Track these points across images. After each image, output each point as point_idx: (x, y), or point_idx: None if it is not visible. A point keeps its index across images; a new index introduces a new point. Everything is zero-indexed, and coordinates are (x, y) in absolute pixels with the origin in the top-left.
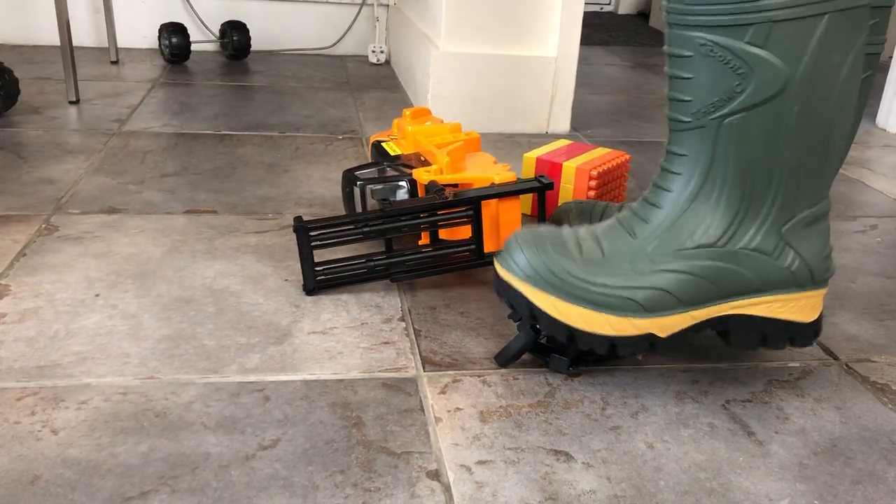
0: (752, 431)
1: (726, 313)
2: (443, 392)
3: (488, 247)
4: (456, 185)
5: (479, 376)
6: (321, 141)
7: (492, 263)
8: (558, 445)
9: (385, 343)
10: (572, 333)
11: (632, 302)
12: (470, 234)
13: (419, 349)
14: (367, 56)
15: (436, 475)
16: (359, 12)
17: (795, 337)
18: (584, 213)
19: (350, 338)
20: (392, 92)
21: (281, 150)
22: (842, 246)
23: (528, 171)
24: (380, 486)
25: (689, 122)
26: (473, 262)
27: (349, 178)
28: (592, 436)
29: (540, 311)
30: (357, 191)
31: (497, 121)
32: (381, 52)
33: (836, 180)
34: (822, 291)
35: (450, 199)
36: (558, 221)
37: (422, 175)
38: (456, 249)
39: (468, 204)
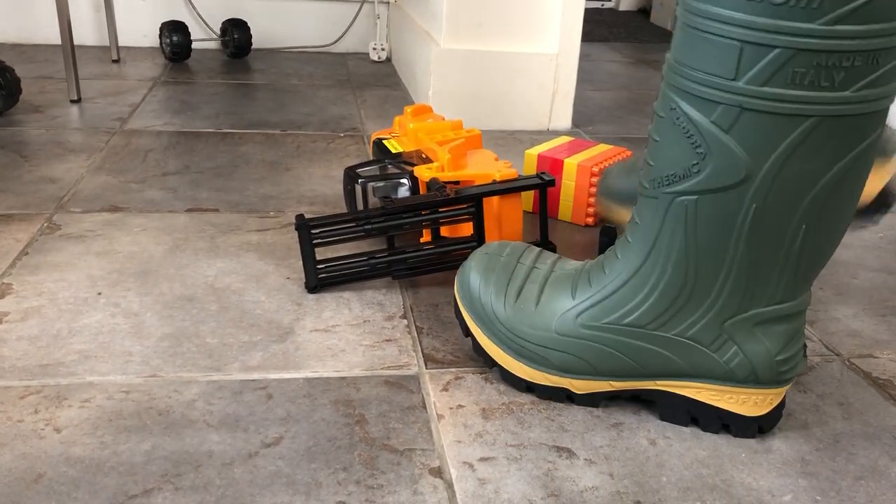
0: None
1: (651, 388)
2: (445, 389)
3: None
4: (457, 183)
5: (481, 373)
6: (323, 139)
7: None
8: (560, 442)
9: (387, 340)
10: (494, 364)
11: (546, 360)
12: (471, 232)
13: (421, 346)
14: (367, 53)
15: (438, 472)
16: (359, 10)
17: (733, 426)
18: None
19: (352, 335)
20: (393, 89)
21: (282, 148)
22: (844, 241)
23: (530, 168)
24: (382, 483)
25: (647, 188)
26: None
27: (350, 176)
28: (594, 432)
29: (471, 334)
30: (359, 188)
31: (498, 117)
32: (382, 49)
33: None
34: (774, 391)
35: (451, 196)
36: (607, 191)
37: (423, 172)
38: (457, 247)
39: (469, 201)
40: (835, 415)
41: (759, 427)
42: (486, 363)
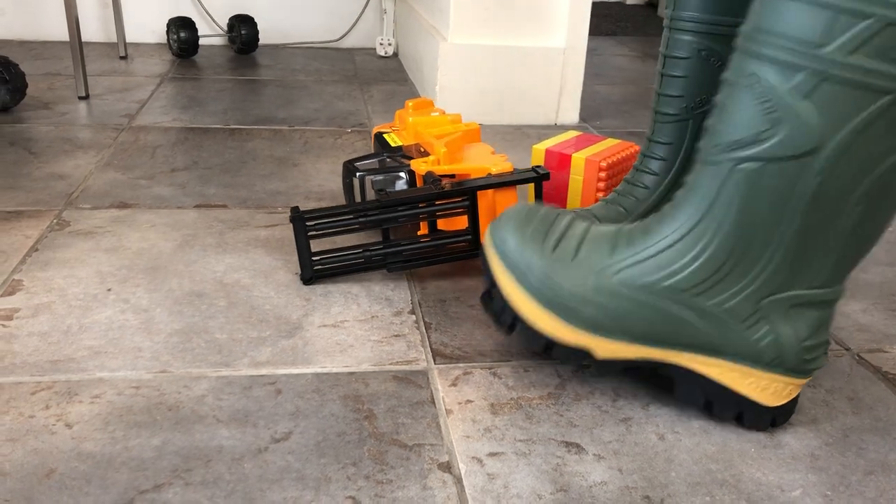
0: None
1: (674, 362)
2: (454, 384)
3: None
4: (453, 176)
5: (489, 369)
6: (330, 134)
7: None
8: (569, 437)
9: (396, 336)
10: (515, 322)
11: (576, 313)
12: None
13: (430, 342)
14: (374, 49)
15: (447, 467)
16: (366, 5)
17: (747, 415)
18: None
19: (361, 331)
20: (400, 84)
21: (290, 144)
22: None
23: (538, 163)
24: (392, 478)
25: (709, 153)
26: (470, 253)
27: (349, 169)
28: (603, 427)
29: (498, 287)
30: (356, 181)
31: (505, 112)
32: (389, 44)
33: None
34: (796, 381)
35: (446, 189)
36: None
37: (419, 166)
38: (452, 240)
39: (464, 194)
40: (844, 409)
41: (772, 419)
42: (500, 321)
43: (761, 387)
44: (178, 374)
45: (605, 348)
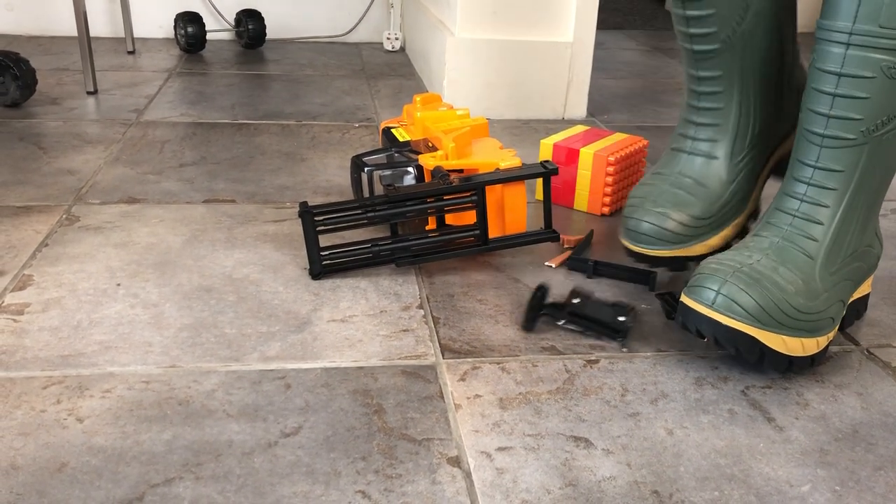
0: (773, 417)
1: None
2: (462, 379)
3: (492, 232)
4: (461, 171)
5: (498, 363)
6: (337, 129)
7: (494, 248)
8: (578, 432)
9: (404, 330)
10: (781, 359)
11: (831, 320)
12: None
13: (438, 336)
14: (381, 43)
15: (456, 462)
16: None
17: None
18: None
19: (369, 325)
20: (407, 79)
21: (298, 139)
22: None
23: (546, 158)
24: (401, 472)
25: (855, 139)
26: (478, 248)
27: (357, 164)
28: (612, 422)
29: (769, 349)
30: (364, 176)
31: (513, 107)
32: (396, 38)
33: None
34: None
35: (454, 184)
36: None
37: (427, 161)
38: (460, 235)
39: (472, 189)
40: (853, 405)
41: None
42: (761, 360)
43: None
44: (187, 368)
45: (828, 337)
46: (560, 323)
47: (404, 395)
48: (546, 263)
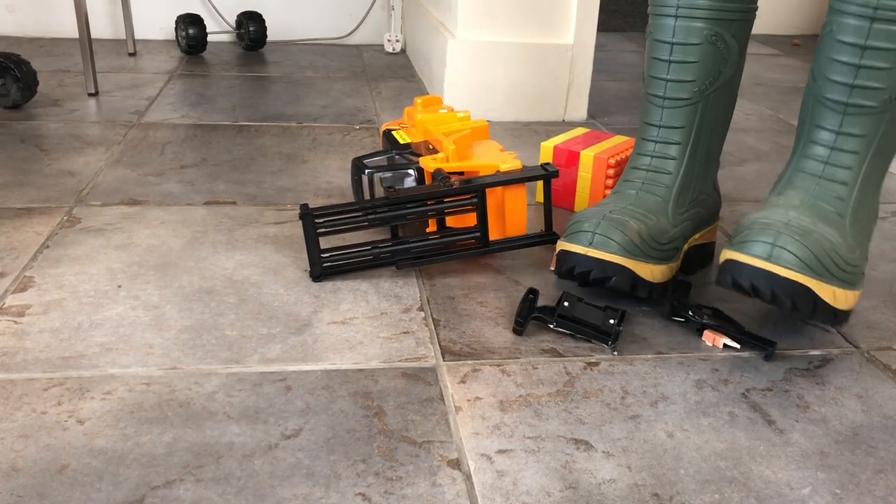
0: (773, 420)
1: None
2: (462, 381)
3: (493, 234)
4: (462, 173)
5: (498, 365)
6: (338, 131)
7: (495, 250)
8: (578, 434)
9: (405, 333)
10: (818, 312)
11: (863, 275)
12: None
13: (438, 339)
14: (382, 45)
15: (457, 464)
16: (374, 1)
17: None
18: None
19: (370, 327)
20: (408, 81)
21: (298, 141)
22: None
23: (546, 160)
24: (401, 474)
25: (879, 107)
26: (479, 250)
27: (358, 166)
28: (612, 425)
29: (822, 300)
30: (365, 178)
31: (513, 109)
32: (397, 40)
33: None
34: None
35: (455, 186)
36: None
37: (428, 163)
38: (461, 237)
39: (473, 192)
40: (854, 407)
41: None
42: (815, 316)
43: None
44: (188, 370)
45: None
46: (551, 326)
47: (405, 397)
48: (551, 269)
